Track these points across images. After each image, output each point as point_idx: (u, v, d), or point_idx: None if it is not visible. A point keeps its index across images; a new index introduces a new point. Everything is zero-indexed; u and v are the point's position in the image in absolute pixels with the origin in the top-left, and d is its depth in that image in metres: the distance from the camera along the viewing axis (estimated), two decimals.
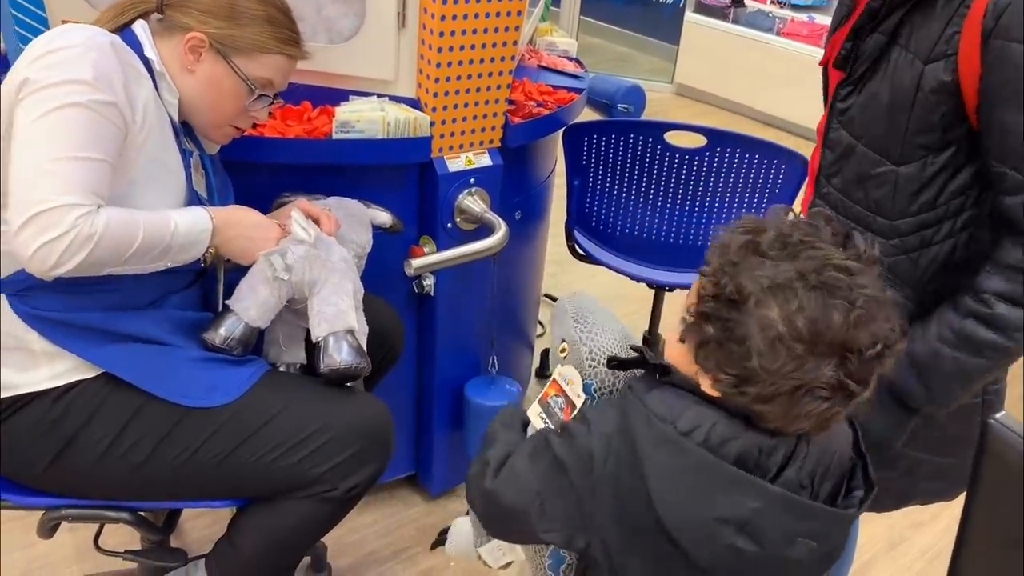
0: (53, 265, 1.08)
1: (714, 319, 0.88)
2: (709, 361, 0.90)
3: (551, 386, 1.13)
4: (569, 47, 2.26)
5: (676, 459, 0.89)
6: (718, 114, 5.32)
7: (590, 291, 3.05)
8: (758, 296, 0.84)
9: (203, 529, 1.93)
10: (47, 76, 1.10)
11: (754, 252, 0.87)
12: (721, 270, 0.87)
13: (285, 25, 1.31)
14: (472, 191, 1.70)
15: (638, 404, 0.94)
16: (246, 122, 1.37)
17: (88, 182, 1.10)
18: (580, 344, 1.12)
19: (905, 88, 1.08)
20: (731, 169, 2.02)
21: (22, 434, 1.22)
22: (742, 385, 0.87)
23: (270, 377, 1.32)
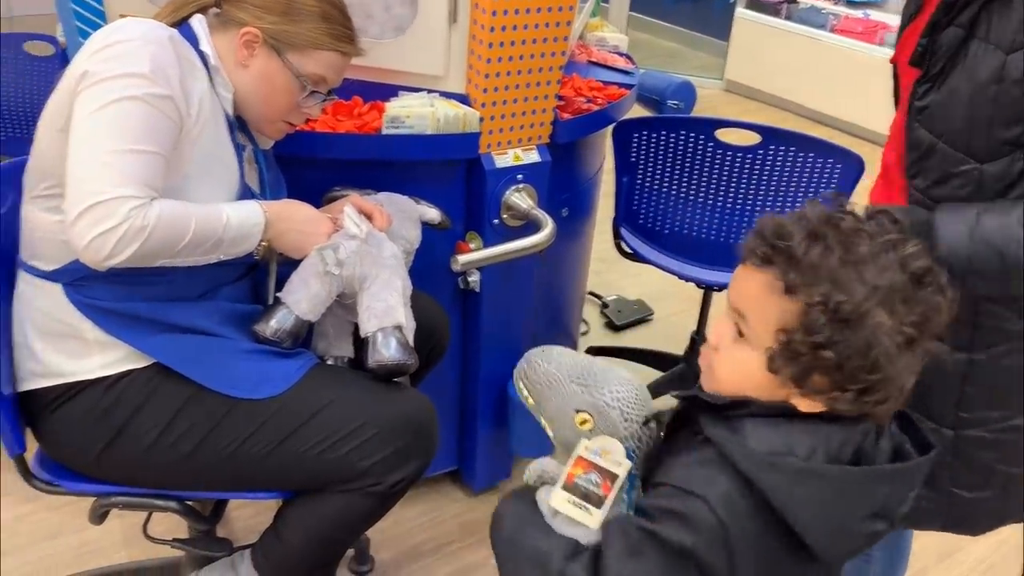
0: (107, 256, 1.09)
1: (830, 344, 0.82)
2: (820, 384, 0.85)
3: (576, 465, 0.97)
4: (620, 43, 2.24)
5: (816, 488, 0.84)
6: (768, 111, 5.23)
7: (634, 290, 3.06)
8: (872, 309, 0.81)
9: (248, 519, 1.95)
10: (105, 69, 1.12)
11: (846, 263, 0.82)
12: (827, 295, 0.81)
13: (339, 21, 1.32)
14: (520, 187, 1.69)
15: (741, 451, 0.86)
16: (299, 118, 1.37)
17: (142, 175, 1.12)
18: (609, 409, 1.00)
19: (986, 81, 1.04)
20: (784, 168, 1.98)
21: (75, 422, 1.24)
22: (864, 396, 0.84)
23: (318, 370, 1.33)
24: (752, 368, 0.88)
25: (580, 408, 1.01)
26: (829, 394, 0.85)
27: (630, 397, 1.01)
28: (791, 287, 0.83)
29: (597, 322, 2.92)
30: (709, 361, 0.94)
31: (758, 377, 0.88)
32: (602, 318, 2.94)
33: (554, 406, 1.04)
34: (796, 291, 0.83)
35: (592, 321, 2.89)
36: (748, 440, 0.87)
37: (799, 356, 0.84)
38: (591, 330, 2.85)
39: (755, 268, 0.87)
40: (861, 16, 4.90)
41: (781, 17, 5.22)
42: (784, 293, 0.84)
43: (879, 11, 4.98)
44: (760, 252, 0.86)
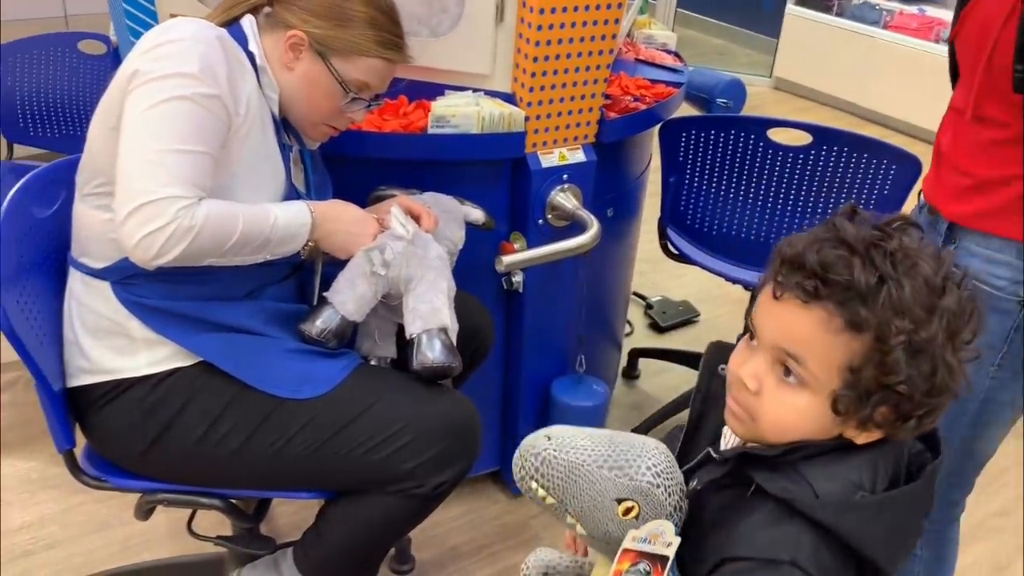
0: (155, 255, 1.10)
1: (905, 380, 0.76)
2: (887, 415, 0.80)
3: (622, 559, 0.86)
4: (668, 40, 2.20)
5: (890, 517, 0.80)
6: (819, 110, 5.14)
7: (679, 292, 3.02)
8: (937, 334, 0.77)
9: (292, 515, 1.96)
10: (155, 68, 1.13)
11: (922, 294, 0.77)
12: (907, 331, 0.75)
13: (388, 28, 1.31)
14: (564, 187, 1.67)
15: (810, 499, 0.80)
16: (342, 122, 1.37)
17: (191, 174, 1.12)
18: (653, 489, 0.88)
19: None
20: (837, 169, 1.93)
21: (122, 418, 1.26)
22: (926, 419, 0.80)
23: (362, 371, 1.33)
24: (811, 411, 0.81)
25: (622, 497, 0.88)
26: (892, 425, 0.80)
27: (667, 468, 0.89)
28: (858, 324, 0.76)
29: (641, 323, 2.89)
30: (750, 408, 0.84)
31: (816, 420, 0.81)
32: (646, 319, 2.91)
33: (587, 500, 0.89)
34: (865, 328, 0.76)
35: (636, 322, 2.86)
36: (818, 487, 0.81)
37: (870, 394, 0.78)
38: (635, 331, 2.82)
39: (801, 305, 0.78)
40: (916, 12, 4.78)
41: (832, 13, 5.11)
42: (848, 330, 0.77)
43: (935, 7, 4.85)
44: (809, 287, 0.78)
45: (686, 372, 2.51)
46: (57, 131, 2.69)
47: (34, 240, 1.30)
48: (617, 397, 2.48)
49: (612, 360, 2.32)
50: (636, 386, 2.58)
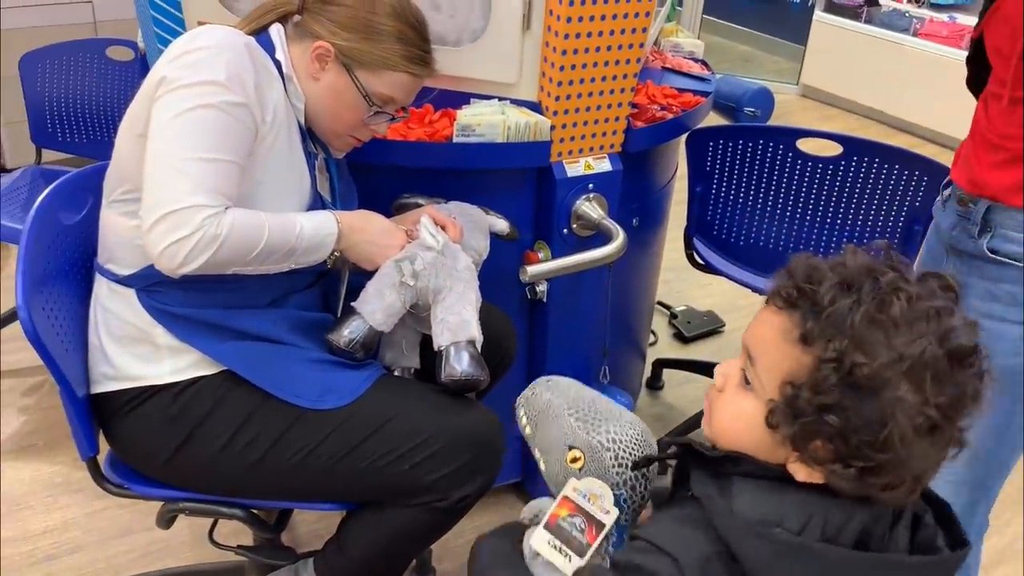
0: (180, 263, 1.10)
1: (837, 409, 0.72)
2: (820, 452, 0.75)
3: (561, 505, 0.90)
4: (695, 48, 2.18)
5: (802, 567, 0.74)
6: (847, 118, 5.08)
7: (704, 301, 3.00)
8: (894, 381, 0.71)
9: (313, 523, 1.96)
10: (183, 76, 1.13)
11: (874, 324, 0.72)
12: (842, 353, 0.72)
13: (415, 43, 1.30)
14: (590, 196, 1.65)
15: (725, 513, 0.77)
16: (365, 134, 1.37)
17: (216, 183, 1.12)
18: (602, 450, 0.92)
19: None
20: (868, 180, 1.90)
21: (145, 426, 1.26)
22: (867, 476, 0.73)
23: (385, 382, 1.32)
24: (751, 420, 0.79)
25: (573, 444, 0.93)
26: (829, 466, 0.74)
27: (628, 440, 0.92)
28: (807, 337, 0.74)
29: (665, 333, 2.86)
30: (711, 403, 0.85)
31: (757, 431, 0.78)
32: (670, 329, 2.89)
33: (548, 438, 0.96)
34: (812, 342, 0.74)
35: (660, 332, 2.84)
36: (735, 502, 0.78)
37: (801, 415, 0.74)
38: (659, 341, 2.80)
39: (776, 310, 0.78)
40: (947, 20, 4.72)
41: (861, 21, 5.06)
42: (799, 342, 0.75)
43: (965, 14, 4.79)
44: (784, 293, 0.77)
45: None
46: (85, 137, 2.72)
47: (61, 246, 1.31)
48: (640, 408, 2.46)
49: (636, 370, 2.30)
50: (660, 397, 2.56)
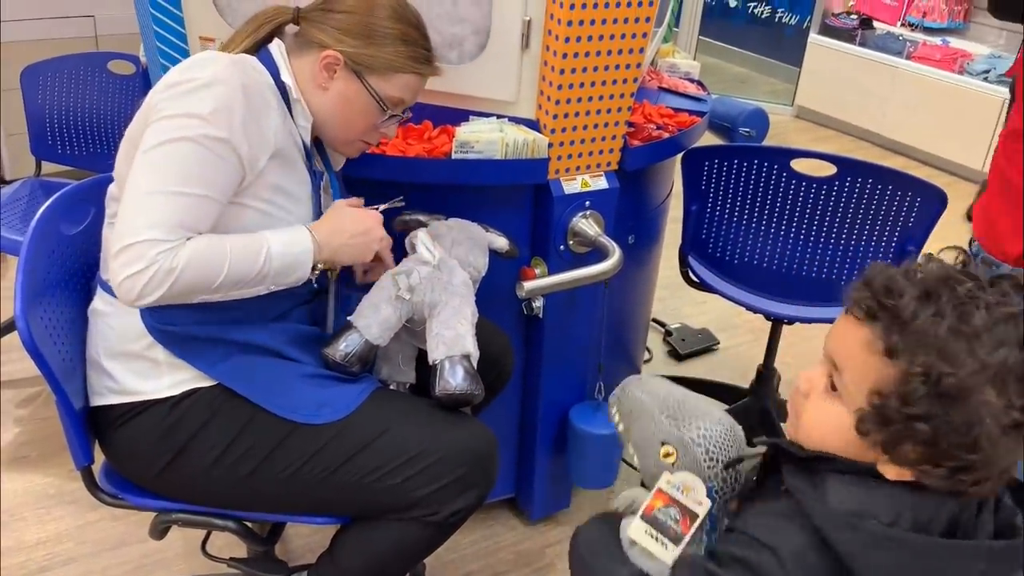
0: (136, 297, 1.10)
1: (928, 418, 0.76)
2: (911, 455, 0.79)
3: (656, 497, 0.96)
4: (691, 69, 2.20)
5: (897, 556, 0.78)
6: (841, 139, 5.12)
7: (699, 319, 3.00)
8: (980, 387, 0.75)
9: (305, 538, 1.96)
10: (168, 107, 1.13)
11: (958, 335, 0.76)
12: (930, 366, 0.75)
13: (419, 44, 1.31)
14: (587, 214, 1.67)
15: (819, 507, 0.81)
16: (375, 137, 1.38)
17: (177, 217, 1.11)
18: (694, 446, 0.98)
19: None
20: (861, 200, 1.92)
21: (140, 438, 1.26)
22: (958, 474, 0.78)
23: (379, 396, 1.32)
24: (841, 424, 0.83)
25: (666, 440, 1.00)
26: (920, 467, 0.79)
27: (718, 436, 0.98)
28: (892, 350, 0.78)
29: (660, 350, 2.87)
30: (797, 408, 0.89)
31: (846, 435, 0.83)
32: (665, 346, 2.90)
33: (641, 435, 1.03)
34: (897, 355, 0.78)
35: (655, 349, 2.85)
36: (829, 496, 0.82)
37: (891, 423, 0.79)
38: (654, 358, 2.81)
39: (857, 321, 0.82)
40: (940, 43, 4.77)
41: (856, 43, 5.11)
42: (884, 354, 0.79)
43: (959, 38, 4.84)
44: (865, 305, 0.81)
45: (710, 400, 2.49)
46: (85, 149, 2.73)
47: (61, 257, 1.32)
48: None
49: None
50: None
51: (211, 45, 1.65)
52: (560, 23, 1.47)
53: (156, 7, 1.62)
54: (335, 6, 1.28)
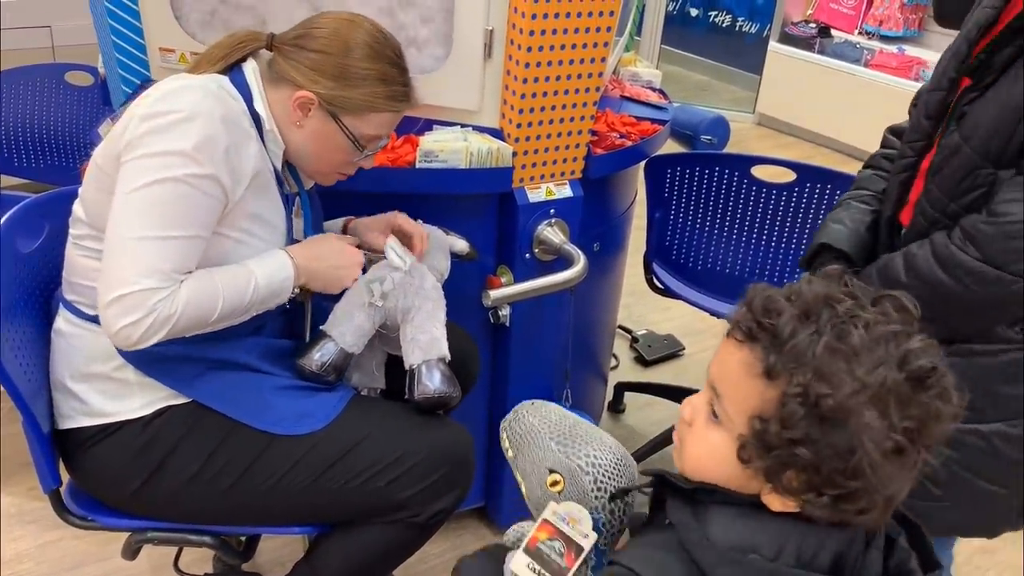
0: (135, 343, 1.10)
1: (807, 442, 0.73)
2: (794, 483, 0.75)
3: (541, 528, 0.91)
4: (653, 77, 2.23)
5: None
6: (801, 146, 5.20)
7: (664, 325, 3.03)
8: (859, 409, 0.71)
9: (275, 551, 1.93)
10: (149, 143, 1.11)
11: (835, 353, 0.73)
12: (806, 386, 0.72)
13: (397, 81, 1.28)
14: (552, 222, 1.68)
15: (701, 541, 0.78)
16: (352, 170, 1.35)
17: (172, 261, 1.11)
18: (582, 474, 0.94)
19: (1020, 96, 1.08)
20: (820, 206, 1.96)
21: (112, 458, 1.24)
22: (841, 502, 0.74)
23: (355, 403, 1.33)
24: (723, 453, 0.79)
25: (553, 468, 0.96)
26: (803, 495, 0.75)
27: (607, 465, 0.94)
28: (771, 371, 0.74)
29: (626, 356, 2.89)
30: (681, 437, 0.86)
31: (728, 465, 0.79)
32: (631, 352, 2.92)
33: (529, 461, 0.99)
34: (776, 376, 0.74)
35: (622, 355, 2.86)
36: (711, 529, 0.79)
37: (772, 448, 0.75)
38: (620, 364, 2.82)
39: (738, 344, 0.78)
40: (896, 51, 4.86)
41: (814, 51, 5.20)
42: (763, 376, 0.75)
43: (914, 46, 4.94)
44: (744, 327, 0.77)
45: (672, 406, 2.51)
46: (43, 162, 2.69)
47: (19, 276, 1.29)
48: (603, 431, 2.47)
49: (598, 394, 2.32)
50: (622, 420, 2.58)
51: (171, 56, 1.64)
52: (522, 32, 1.48)
53: (114, 18, 1.61)
54: (309, 44, 1.24)
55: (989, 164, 1.13)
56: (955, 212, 1.18)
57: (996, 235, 1.11)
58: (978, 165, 1.14)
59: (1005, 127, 1.11)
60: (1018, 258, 1.10)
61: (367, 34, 1.25)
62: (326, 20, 1.26)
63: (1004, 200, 1.11)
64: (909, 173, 1.29)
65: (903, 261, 1.20)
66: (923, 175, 1.25)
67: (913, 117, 1.33)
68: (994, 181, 1.13)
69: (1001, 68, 1.13)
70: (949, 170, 1.18)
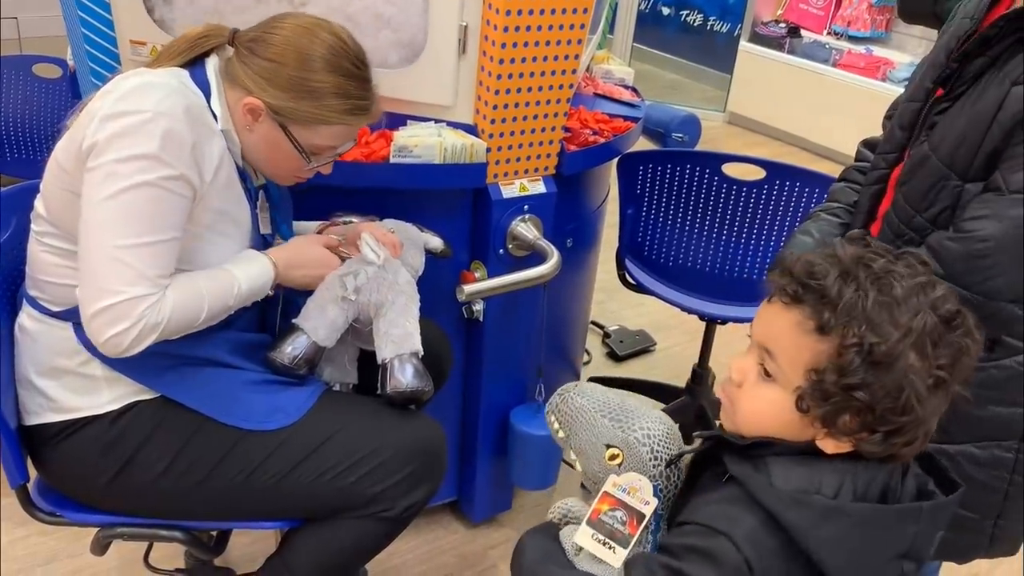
0: (124, 350, 1.11)
1: (863, 387, 0.82)
2: (849, 425, 0.84)
3: (603, 500, 0.98)
4: (626, 75, 2.25)
5: (841, 526, 0.83)
6: (771, 144, 5.26)
7: (636, 321, 3.05)
8: (905, 352, 0.81)
9: (247, 546, 1.93)
10: (116, 148, 1.09)
11: (887, 307, 0.82)
12: (861, 336, 0.81)
13: (356, 95, 1.24)
14: (525, 218, 1.69)
15: (767, 489, 0.85)
16: (308, 174, 1.33)
17: (156, 266, 1.11)
18: (639, 446, 1.00)
19: (988, 107, 1.08)
20: (790, 203, 1.99)
21: (81, 454, 1.23)
22: (893, 437, 0.83)
23: (327, 398, 1.33)
24: (779, 407, 0.87)
25: (611, 443, 1.02)
26: (858, 435, 0.85)
27: (661, 435, 1.01)
28: (824, 327, 0.83)
29: (599, 352, 2.91)
30: (731, 398, 0.93)
31: (785, 417, 0.87)
32: (604, 348, 2.94)
33: (584, 440, 1.05)
34: (829, 331, 0.83)
35: (594, 351, 2.88)
36: (773, 478, 0.86)
37: (830, 397, 0.83)
38: (593, 359, 2.84)
39: (784, 306, 0.87)
40: (864, 52, 4.93)
41: (784, 51, 5.26)
42: (816, 332, 0.84)
43: (882, 47, 5.02)
44: (790, 290, 0.86)
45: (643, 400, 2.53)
46: (10, 155, 2.65)
47: None
48: None
49: None
50: None
51: (142, 49, 1.63)
52: (496, 29, 1.49)
53: (84, 9, 1.59)
54: (262, 50, 1.20)
55: (956, 176, 1.12)
56: (920, 224, 1.16)
57: (961, 253, 1.09)
58: (945, 176, 1.13)
59: (972, 138, 1.10)
60: (985, 277, 1.08)
61: (325, 45, 1.20)
62: (284, 26, 1.21)
63: (970, 217, 1.09)
64: (880, 185, 1.28)
65: None
66: (893, 187, 1.25)
67: (888, 129, 1.32)
68: (960, 194, 1.12)
69: (971, 79, 1.12)
70: (916, 180, 1.17)
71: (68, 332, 1.20)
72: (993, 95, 1.08)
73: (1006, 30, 1.08)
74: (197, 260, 1.20)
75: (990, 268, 1.07)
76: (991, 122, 1.08)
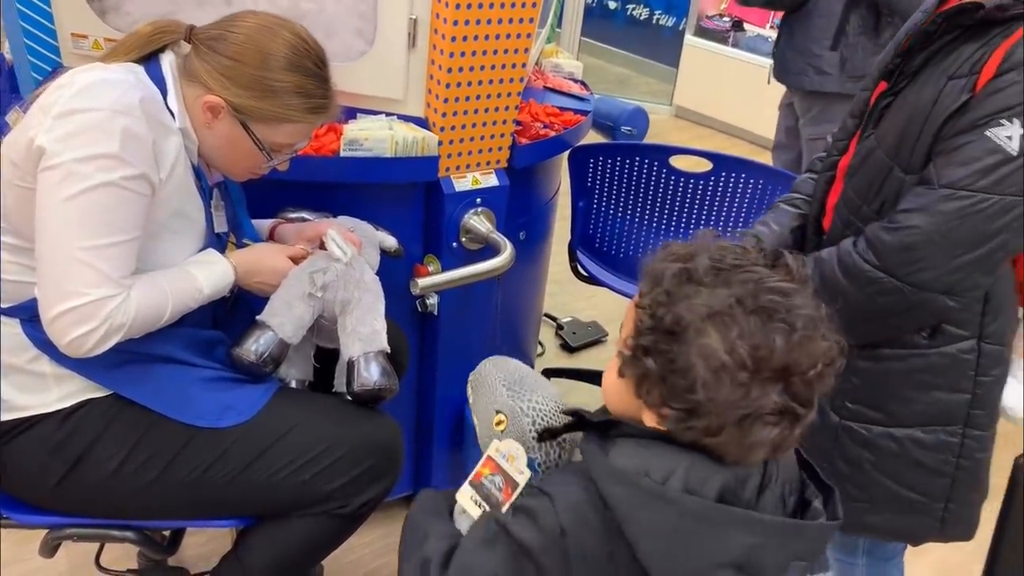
0: (88, 351, 1.10)
1: (654, 352, 0.83)
2: (652, 395, 0.85)
3: (485, 464, 1.00)
4: (574, 69, 2.26)
5: (662, 513, 0.81)
6: (717, 137, 5.34)
7: (588, 312, 3.08)
8: (697, 325, 0.81)
9: (201, 546, 1.91)
10: (74, 147, 1.06)
11: (688, 280, 0.83)
12: (656, 301, 0.83)
13: (316, 93, 1.24)
14: (478, 211, 1.70)
15: (601, 465, 0.86)
16: (264, 170, 1.32)
17: (120, 267, 1.11)
18: (522, 415, 1.03)
19: (925, 101, 1.11)
20: (735, 194, 2.03)
21: (29, 454, 1.21)
22: (689, 419, 0.82)
23: (281, 395, 1.32)
24: (612, 375, 0.91)
25: (499, 409, 1.05)
26: (660, 408, 0.85)
27: (547, 411, 1.04)
28: (639, 295, 0.87)
29: (552, 343, 2.93)
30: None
31: (616, 384, 0.90)
32: (557, 340, 2.96)
33: (481, 404, 1.09)
34: (640, 298, 0.87)
35: (547, 342, 2.91)
36: (612, 456, 0.87)
37: (630, 360, 0.86)
38: (546, 351, 2.86)
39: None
40: None
41: (728, 44, 5.34)
42: (636, 304, 0.88)
43: None
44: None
45: (596, 391, 2.55)
46: None
47: None
48: None
49: None
50: None
51: (84, 42, 1.59)
52: (446, 22, 1.49)
53: (23, 1, 1.55)
54: (223, 48, 1.20)
55: (899, 168, 1.14)
56: (868, 215, 1.19)
57: (894, 245, 1.11)
58: (889, 168, 1.15)
59: (911, 132, 1.12)
60: (916, 268, 1.10)
61: (286, 44, 1.20)
62: (245, 24, 1.21)
63: (903, 210, 1.11)
64: (832, 172, 1.30)
65: (814, 265, 1.22)
66: (841, 177, 1.28)
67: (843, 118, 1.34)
68: (902, 185, 1.14)
69: (912, 73, 1.15)
70: (863, 172, 1.20)
71: (16, 328, 1.18)
72: (931, 89, 1.11)
73: (946, 26, 1.11)
74: (152, 258, 1.18)
75: (921, 260, 1.10)
76: (928, 115, 1.10)
